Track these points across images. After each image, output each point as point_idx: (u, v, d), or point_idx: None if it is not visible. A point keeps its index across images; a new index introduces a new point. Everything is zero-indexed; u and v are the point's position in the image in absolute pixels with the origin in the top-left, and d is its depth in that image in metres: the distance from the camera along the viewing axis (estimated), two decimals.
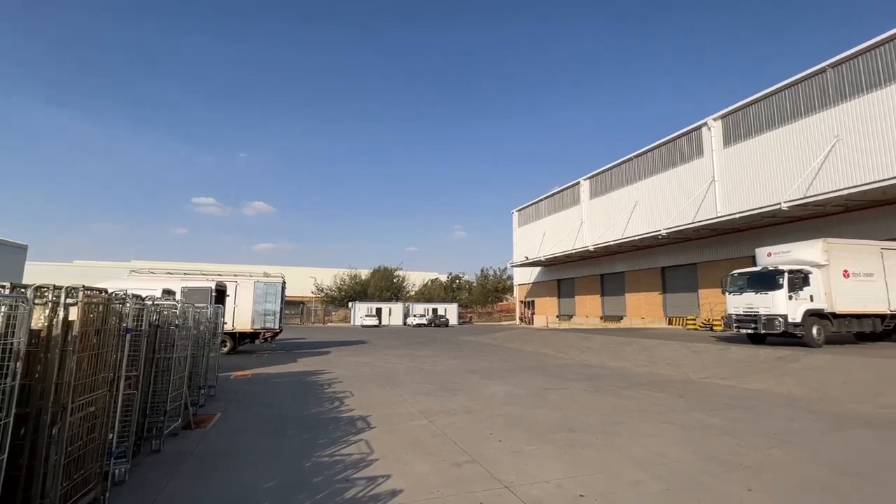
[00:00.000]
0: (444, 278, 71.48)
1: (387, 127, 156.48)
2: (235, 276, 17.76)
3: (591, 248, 31.15)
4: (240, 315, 17.02)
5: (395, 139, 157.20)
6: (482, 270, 70.10)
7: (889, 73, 17.97)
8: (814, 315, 12.97)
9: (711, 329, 22.31)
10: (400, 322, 50.18)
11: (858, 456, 5.30)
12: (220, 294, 15.80)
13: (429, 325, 46.60)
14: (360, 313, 48.14)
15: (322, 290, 59.33)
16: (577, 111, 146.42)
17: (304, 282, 59.37)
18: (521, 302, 47.84)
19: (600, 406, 8.00)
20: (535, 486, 4.35)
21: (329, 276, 61.28)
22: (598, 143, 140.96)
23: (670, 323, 27.44)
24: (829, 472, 4.75)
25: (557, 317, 39.95)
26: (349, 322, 51.26)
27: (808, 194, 18.92)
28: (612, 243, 29.33)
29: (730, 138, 24.82)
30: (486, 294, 65.34)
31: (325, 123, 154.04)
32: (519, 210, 48.90)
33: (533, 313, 44.50)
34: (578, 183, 38.16)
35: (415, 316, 47.98)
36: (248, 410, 7.81)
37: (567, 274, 38.82)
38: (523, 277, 46.84)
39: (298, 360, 15.41)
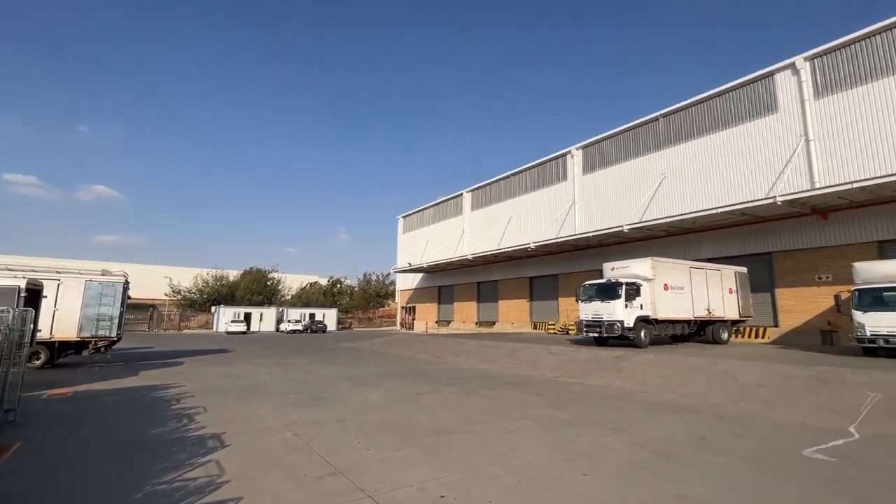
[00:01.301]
0: (324, 282, 68.60)
1: (269, 118, 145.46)
2: (59, 272, 14.60)
3: (470, 257, 32.88)
4: (62, 320, 14.03)
5: (277, 131, 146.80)
6: (365, 275, 69.16)
7: (703, 127, 22.55)
8: (642, 320, 15.52)
9: (567, 333, 25.20)
10: (272, 328, 46.60)
11: (667, 437, 6.44)
12: (34, 294, 12.80)
13: (305, 331, 44.13)
14: (226, 318, 43.51)
15: (179, 293, 52.17)
16: (465, 130, 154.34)
17: (158, 282, 51.64)
18: (403, 307, 48.24)
19: (469, 407, 8.42)
20: (399, 491, 4.37)
21: (188, 277, 54.23)
22: (484, 156, 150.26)
23: (535, 328, 30.27)
24: (645, 452, 5.68)
25: (437, 322, 41.19)
26: (211, 328, 45.91)
27: (642, 220, 22.65)
28: (488, 253, 31.39)
29: (588, 167, 28.55)
30: (368, 299, 64.46)
31: (195, 102, 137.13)
32: (405, 216, 49.43)
33: (413, 319, 45.18)
34: (461, 195, 40.08)
35: (289, 321, 44.97)
36: (63, 436, 6.44)
37: (447, 281, 40.32)
38: (406, 283, 47.34)
39: (140, 374, 13.25)
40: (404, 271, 43.62)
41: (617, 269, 16.83)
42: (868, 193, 15.56)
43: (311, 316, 47.79)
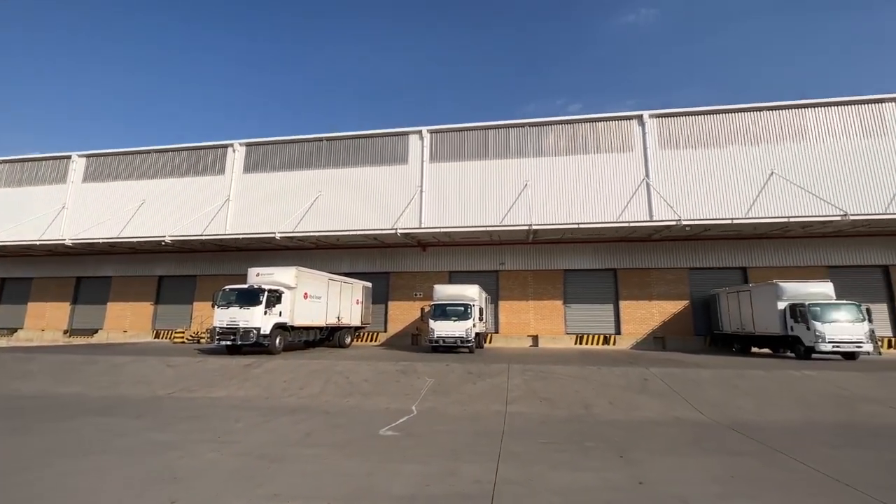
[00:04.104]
0: None
1: None
2: None
3: (69, 242, 24.37)
4: None
5: None
6: None
7: (356, 159, 25.79)
8: (279, 327, 15.83)
9: (199, 342, 22.55)
10: None
11: (276, 440, 6.64)
12: None
13: None
14: None
15: None
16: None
17: None
18: None
19: (13, 453, 5.98)
20: None
21: None
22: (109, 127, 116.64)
23: (158, 336, 25.49)
24: (251, 459, 5.64)
25: None
26: None
27: (295, 230, 23.51)
28: (102, 241, 24.26)
29: (250, 166, 27.21)
30: None
31: None
32: None
33: None
34: (71, 157, 29.61)
35: None
36: None
37: (18, 272, 28.37)
38: None
39: None
40: None
41: (262, 276, 16.61)
42: (447, 237, 22.06)
43: None
